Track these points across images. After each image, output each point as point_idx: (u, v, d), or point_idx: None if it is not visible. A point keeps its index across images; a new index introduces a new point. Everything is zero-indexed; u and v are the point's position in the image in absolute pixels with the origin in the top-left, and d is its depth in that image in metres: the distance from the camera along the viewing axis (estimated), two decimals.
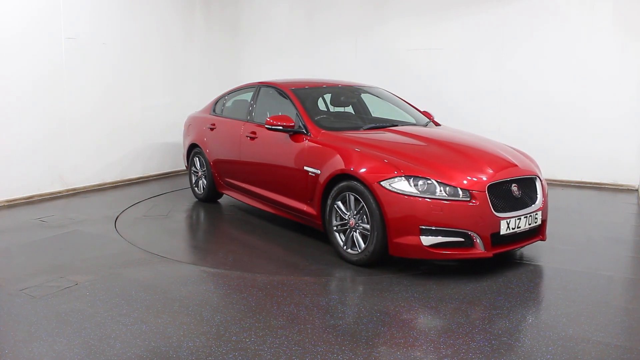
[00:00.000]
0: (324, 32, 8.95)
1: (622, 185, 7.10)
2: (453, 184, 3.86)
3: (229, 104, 6.27)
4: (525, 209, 4.07)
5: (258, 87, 5.80)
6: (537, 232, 4.27)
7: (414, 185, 3.86)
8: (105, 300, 3.49)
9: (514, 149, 4.73)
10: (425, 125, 5.27)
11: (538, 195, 4.23)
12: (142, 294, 3.58)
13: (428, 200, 3.81)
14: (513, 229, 3.96)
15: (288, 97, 5.18)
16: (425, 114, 5.56)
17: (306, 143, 4.71)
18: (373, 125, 5.11)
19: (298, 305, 3.45)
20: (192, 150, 6.49)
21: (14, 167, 6.17)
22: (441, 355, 2.81)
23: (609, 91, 7.05)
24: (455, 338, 3.00)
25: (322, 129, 4.75)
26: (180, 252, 4.58)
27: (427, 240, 3.82)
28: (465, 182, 3.88)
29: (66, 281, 3.81)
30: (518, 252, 4.48)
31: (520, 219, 4.00)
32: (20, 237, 4.92)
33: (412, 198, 3.82)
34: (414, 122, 5.34)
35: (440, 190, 3.83)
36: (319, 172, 4.47)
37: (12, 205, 6.10)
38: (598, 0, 7.02)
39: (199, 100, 8.72)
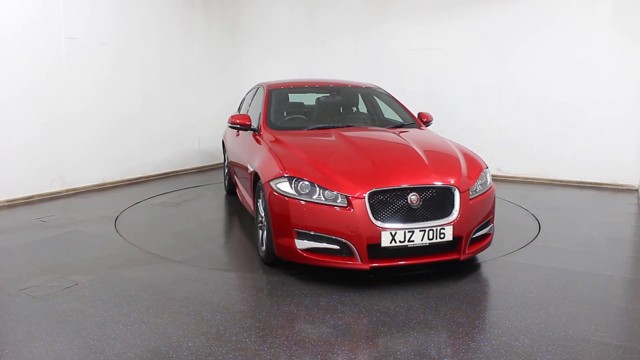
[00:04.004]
0: (324, 32, 8.96)
1: (622, 185, 7.09)
2: (334, 188, 3.70)
3: (244, 103, 6.63)
4: (423, 222, 3.66)
5: (257, 87, 6.05)
6: (451, 249, 3.83)
7: (294, 187, 3.80)
8: (105, 300, 3.49)
9: (467, 154, 4.34)
10: (402, 127, 5.10)
11: (453, 209, 3.76)
12: (142, 294, 3.58)
13: (303, 202, 3.72)
14: (401, 242, 3.61)
15: (264, 96, 5.38)
16: (423, 115, 5.47)
17: (256, 142, 4.88)
18: (321, 125, 4.99)
19: (298, 305, 3.45)
20: (223, 147, 7.01)
21: (14, 167, 6.18)
22: (441, 355, 2.81)
23: (609, 91, 7.05)
24: (455, 338, 3.00)
25: (269, 129, 4.87)
26: (181, 252, 4.58)
27: (301, 244, 3.75)
28: (347, 187, 3.69)
29: (66, 281, 3.81)
30: (518, 253, 4.48)
31: (413, 232, 3.62)
32: (20, 237, 4.93)
33: (289, 199, 3.77)
34: (401, 121, 5.27)
35: (319, 194, 3.72)
36: (252, 170, 4.62)
37: (12, 205, 6.10)
38: (598, 1, 7.02)
39: (199, 100, 8.75)
